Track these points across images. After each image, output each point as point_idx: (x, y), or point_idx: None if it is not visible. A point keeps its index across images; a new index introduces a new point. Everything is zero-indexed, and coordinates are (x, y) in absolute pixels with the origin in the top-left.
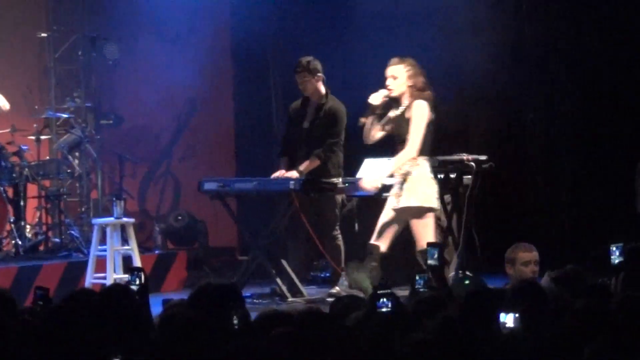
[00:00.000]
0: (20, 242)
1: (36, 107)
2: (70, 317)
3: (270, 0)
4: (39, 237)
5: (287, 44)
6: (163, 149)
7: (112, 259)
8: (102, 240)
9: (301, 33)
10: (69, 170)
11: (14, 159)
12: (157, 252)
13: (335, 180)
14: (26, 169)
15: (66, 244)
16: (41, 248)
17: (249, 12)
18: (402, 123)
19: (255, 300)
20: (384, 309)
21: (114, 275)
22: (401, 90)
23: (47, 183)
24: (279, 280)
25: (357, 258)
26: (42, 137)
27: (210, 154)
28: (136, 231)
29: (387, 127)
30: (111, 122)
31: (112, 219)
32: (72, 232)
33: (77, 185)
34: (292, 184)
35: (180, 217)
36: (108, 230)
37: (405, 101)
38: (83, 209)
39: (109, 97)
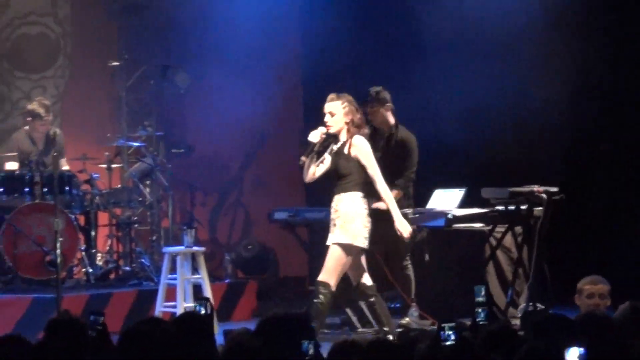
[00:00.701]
0: (91, 270)
1: (108, 135)
2: (140, 345)
3: (341, 32)
4: (110, 265)
5: (356, 74)
6: (233, 178)
7: (183, 287)
8: (173, 269)
9: (371, 64)
10: (140, 199)
11: (86, 187)
12: (227, 281)
13: (406, 210)
14: (97, 197)
15: (137, 272)
16: (112, 276)
17: (319, 44)
18: (340, 159)
19: (325, 331)
20: (447, 342)
21: (184, 304)
22: (339, 127)
23: (118, 211)
24: (349, 311)
25: (428, 288)
26: (114, 166)
27: (280, 184)
28: (206, 260)
29: (325, 164)
30: (182, 150)
31: (182, 247)
32: (143, 260)
33: (148, 213)
34: None
35: (250, 247)
36: (178, 259)
37: (342, 137)
38: (154, 238)
39: (179, 125)
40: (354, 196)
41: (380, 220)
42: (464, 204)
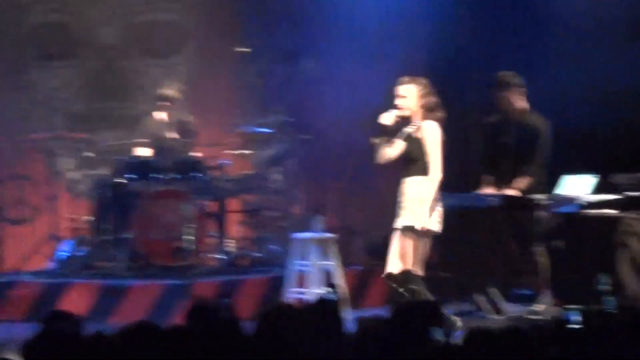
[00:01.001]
0: (221, 256)
1: (237, 121)
2: (272, 331)
3: (468, 19)
4: (240, 252)
5: (485, 59)
6: (364, 164)
7: (313, 273)
8: (303, 256)
9: (499, 51)
10: (270, 185)
11: (216, 173)
12: (358, 267)
13: (538, 196)
14: (228, 184)
15: (267, 258)
16: (242, 263)
17: (445, 29)
18: (412, 143)
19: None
20: (572, 325)
21: (315, 290)
22: (412, 110)
23: (248, 197)
24: (480, 297)
25: (560, 275)
26: (244, 152)
27: None
28: (337, 246)
29: (397, 147)
30: (312, 136)
31: (312, 234)
32: (273, 246)
33: (278, 200)
34: (493, 200)
35: (380, 232)
36: (309, 245)
37: (416, 121)
38: (284, 224)
39: (309, 111)
40: (423, 180)
41: (512, 208)
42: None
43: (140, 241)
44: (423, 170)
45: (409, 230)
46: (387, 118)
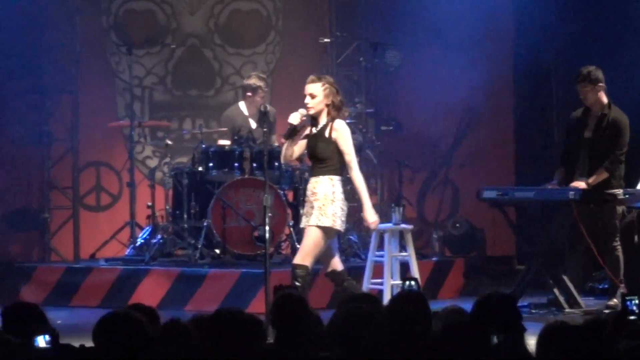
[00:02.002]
0: (298, 246)
1: None
2: (355, 321)
3: (554, 9)
4: None
5: (569, 53)
6: (442, 156)
7: (390, 265)
8: (380, 246)
9: (583, 43)
10: (348, 176)
11: (294, 163)
12: (434, 259)
13: (616, 191)
14: (306, 173)
15: (344, 248)
16: None
17: (532, 22)
18: (322, 143)
19: (532, 311)
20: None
21: (391, 281)
22: (319, 109)
23: None
24: (556, 291)
25: (637, 269)
26: None
27: (490, 162)
28: (414, 238)
29: (301, 145)
30: (391, 128)
31: (390, 225)
32: (351, 237)
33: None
34: (572, 194)
35: (458, 225)
36: (386, 236)
37: (322, 120)
38: (362, 215)
39: (389, 103)
40: (332, 180)
41: (590, 202)
42: None
43: (218, 229)
44: (334, 170)
45: (321, 229)
46: (294, 117)
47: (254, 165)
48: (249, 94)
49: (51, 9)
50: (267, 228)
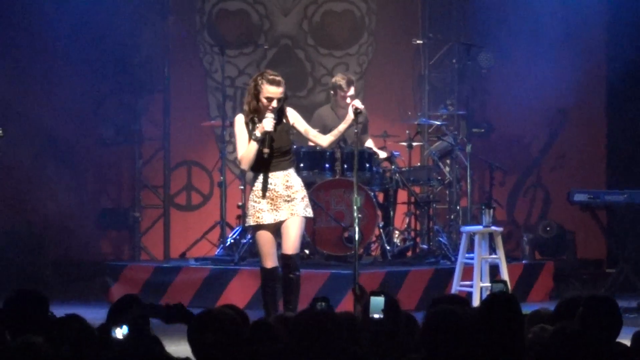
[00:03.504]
0: (388, 247)
1: (409, 113)
2: (446, 323)
3: None
4: (407, 243)
5: None
6: (533, 159)
7: (480, 267)
8: (470, 248)
9: None
10: (439, 178)
11: (385, 164)
12: (524, 262)
13: None
14: (397, 175)
15: (434, 250)
16: (409, 254)
17: (625, 21)
18: (283, 134)
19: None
20: None
21: (481, 283)
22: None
23: (417, 189)
24: None
25: None
26: (414, 144)
27: (581, 165)
28: (504, 240)
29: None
30: (483, 130)
31: (480, 227)
32: (441, 239)
33: (447, 192)
34: None
35: (549, 228)
36: (476, 238)
37: (269, 114)
38: (452, 216)
39: (481, 105)
40: (294, 171)
41: None
42: None
43: (308, 230)
44: (294, 161)
45: (305, 219)
46: (270, 124)
47: (345, 166)
48: (332, 92)
49: (144, 8)
50: (356, 229)
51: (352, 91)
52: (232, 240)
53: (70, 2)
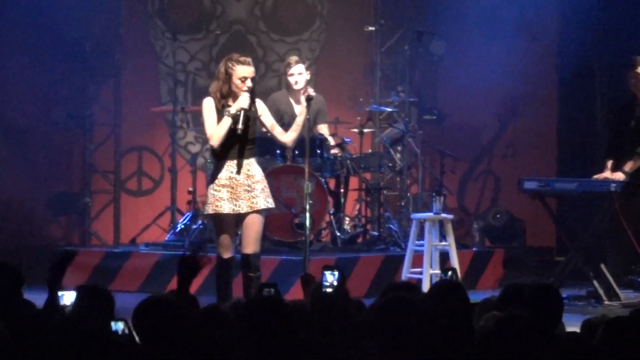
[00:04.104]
0: (338, 234)
1: (360, 100)
2: (396, 310)
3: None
4: (358, 230)
5: (613, 41)
6: (484, 146)
7: (429, 254)
8: (420, 235)
9: (630, 31)
10: (390, 164)
11: (336, 151)
12: (474, 249)
13: None
14: (348, 162)
15: (384, 237)
16: (359, 240)
17: (577, 11)
18: (251, 122)
19: (571, 302)
20: None
21: (430, 270)
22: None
23: (368, 176)
24: (596, 283)
25: None
26: (365, 130)
27: (532, 153)
28: (454, 227)
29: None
30: (434, 117)
31: (431, 214)
32: (391, 225)
33: (398, 179)
34: (613, 186)
35: (499, 215)
36: (426, 225)
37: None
38: (402, 203)
39: (432, 92)
40: (256, 160)
41: (631, 194)
42: None
43: None
44: (256, 152)
45: (266, 211)
46: (246, 101)
47: (296, 152)
48: (284, 75)
49: None
50: (307, 215)
51: (299, 69)
52: (182, 226)
53: None
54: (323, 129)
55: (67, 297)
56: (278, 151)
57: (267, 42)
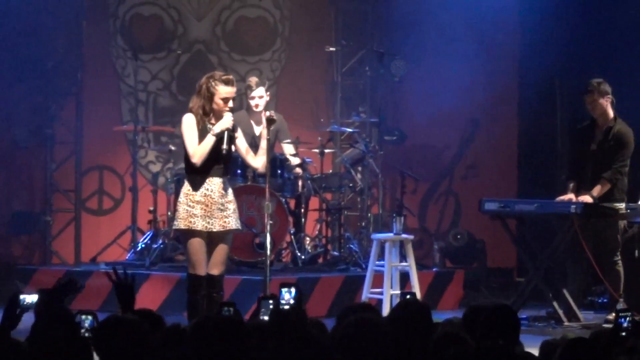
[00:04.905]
0: (299, 254)
1: (321, 120)
2: (357, 332)
3: (559, 21)
4: (318, 250)
5: (574, 64)
6: (445, 167)
7: (390, 274)
8: (381, 256)
9: (588, 54)
10: (350, 185)
11: (297, 171)
12: (434, 270)
13: (618, 205)
14: (309, 182)
15: (345, 257)
16: (320, 260)
17: (537, 32)
18: (230, 142)
19: (530, 323)
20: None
21: (391, 291)
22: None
23: (328, 196)
24: (555, 304)
25: (637, 285)
26: (326, 151)
27: (493, 174)
28: (415, 248)
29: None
30: (395, 137)
31: (391, 234)
32: (351, 246)
33: (358, 199)
34: (573, 208)
35: (459, 236)
36: (387, 245)
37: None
38: (363, 224)
39: (393, 112)
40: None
41: (591, 216)
42: None
43: None
44: (228, 171)
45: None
46: (229, 121)
47: (256, 172)
48: (245, 95)
49: (58, 12)
50: (268, 235)
51: (260, 92)
52: (143, 245)
53: None
54: (287, 147)
55: (29, 299)
56: (239, 171)
57: (228, 62)
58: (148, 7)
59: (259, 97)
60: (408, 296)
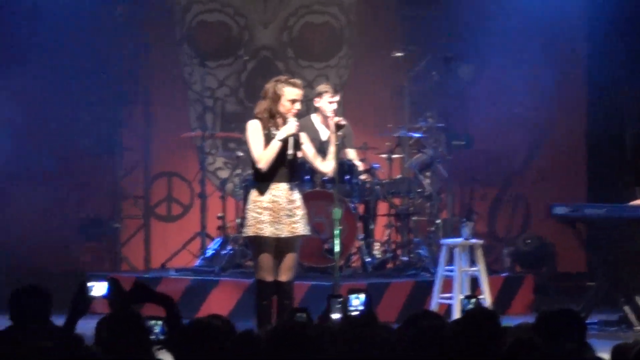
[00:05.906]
0: (368, 259)
1: (389, 125)
2: (418, 338)
3: (628, 21)
4: (387, 255)
5: None
6: (514, 172)
7: (460, 280)
8: (450, 261)
9: None
10: (419, 190)
11: (366, 176)
12: (504, 274)
13: None
14: (377, 187)
15: (414, 262)
16: (389, 266)
17: (605, 37)
18: (297, 147)
19: (601, 327)
20: None
21: (461, 296)
22: None
23: (397, 201)
24: (627, 308)
25: None
26: (394, 156)
27: (562, 178)
28: (484, 253)
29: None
30: (463, 143)
31: (460, 239)
32: (421, 251)
33: (427, 204)
34: None
35: (529, 241)
36: (456, 251)
37: (293, 118)
38: (432, 229)
39: (461, 117)
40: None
41: None
42: None
43: None
44: (297, 176)
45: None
46: (294, 127)
47: (325, 177)
48: (317, 99)
49: (125, 20)
50: (337, 241)
51: (338, 97)
52: (212, 252)
53: (52, 15)
54: (351, 153)
55: (98, 288)
56: (307, 177)
57: (295, 68)
58: (214, 14)
59: (337, 102)
60: (472, 300)
